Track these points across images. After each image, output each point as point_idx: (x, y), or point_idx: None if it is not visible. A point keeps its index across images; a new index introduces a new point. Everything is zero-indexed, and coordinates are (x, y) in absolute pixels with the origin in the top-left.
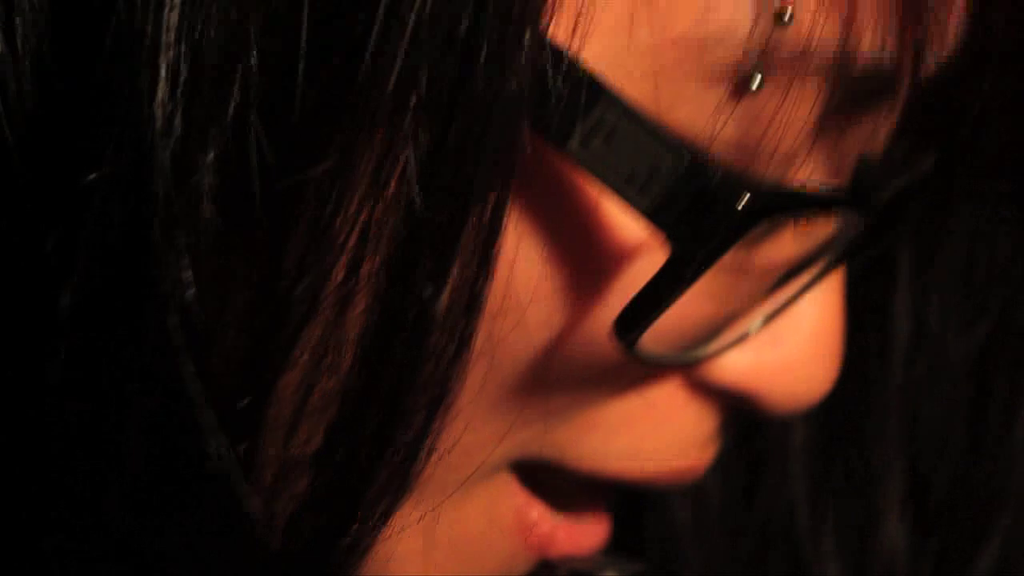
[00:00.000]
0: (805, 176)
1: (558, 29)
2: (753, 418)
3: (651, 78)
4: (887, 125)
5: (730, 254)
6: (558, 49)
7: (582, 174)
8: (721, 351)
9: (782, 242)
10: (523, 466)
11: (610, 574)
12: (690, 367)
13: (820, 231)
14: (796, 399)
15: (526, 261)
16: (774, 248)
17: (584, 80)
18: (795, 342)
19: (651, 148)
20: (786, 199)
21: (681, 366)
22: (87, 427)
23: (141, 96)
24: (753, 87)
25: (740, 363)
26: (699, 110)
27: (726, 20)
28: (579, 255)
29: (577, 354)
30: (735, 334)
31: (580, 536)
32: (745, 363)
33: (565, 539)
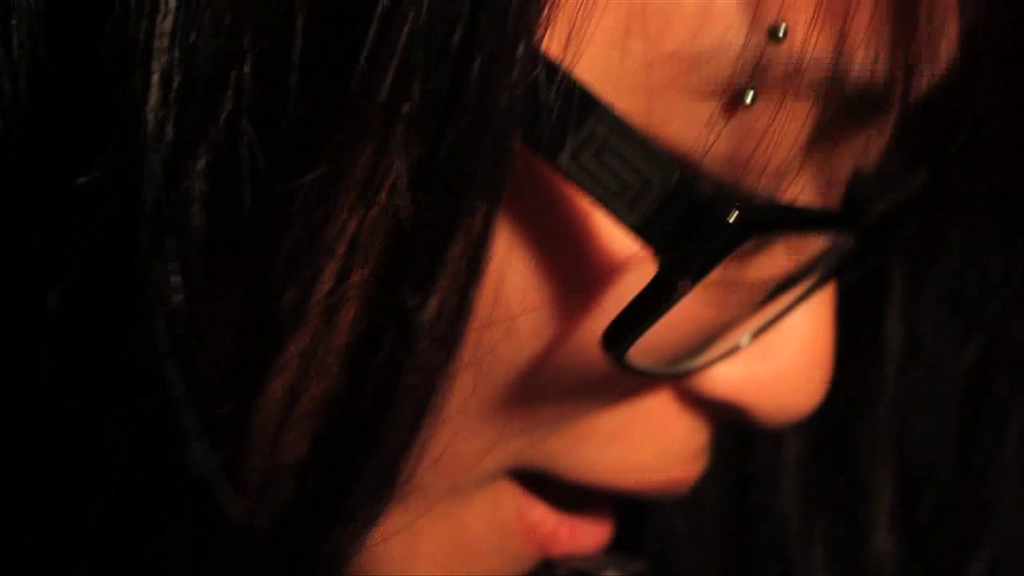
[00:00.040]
0: (796, 191)
1: (551, 43)
2: (745, 430)
3: (643, 92)
4: (880, 141)
5: (720, 268)
6: (551, 63)
7: (573, 186)
8: (711, 363)
9: (773, 256)
10: (522, 473)
11: (611, 574)
12: (680, 379)
13: (812, 245)
14: (786, 411)
15: (516, 272)
16: (765, 262)
17: (576, 94)
18: (786, 355)
19: (641, 163)
20: (776, 215)
21: (671, 378)
22: (72, 428)
23: (133, 101)
24: (746, 103)
25: (731, 375)
26: (691, 124)
27: (720, 36)
28: (569, 267)
29: (567, 365)
30: (726, 346)
31: (582, 535)
32: (736, 375)
33: (567, 538)
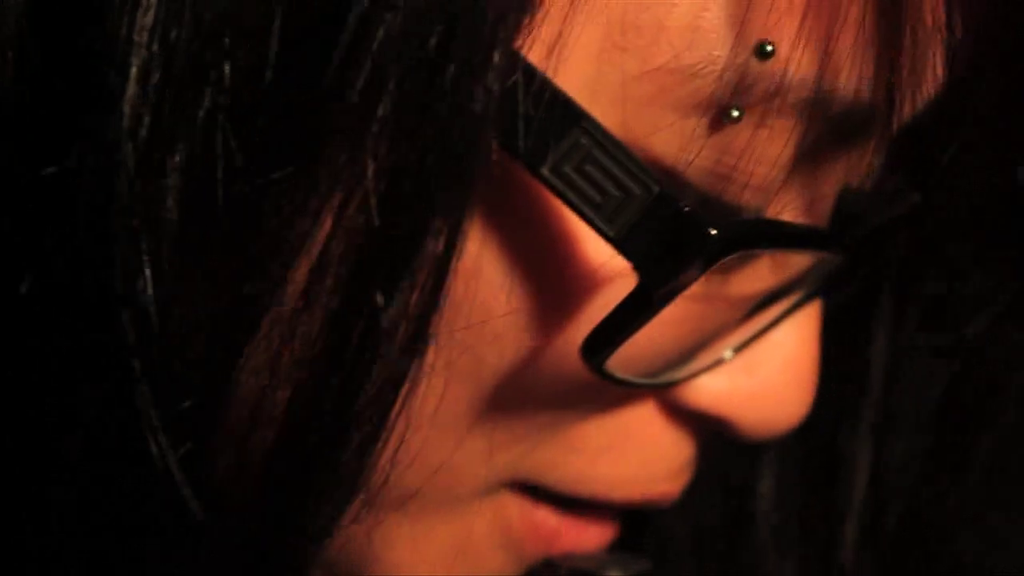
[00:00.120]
0: (780, 207)
1: (535, 52)
2: (729, 442)
3: (628, 105)
4: (868, 160)
5: (702, 283)
6: (533, 71)
7: (553, 196)
8: (694, 375)
9: (758, 271)
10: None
11: (614, 573)
12: (663, 390)
13: (797, 261)
14: (769, 425)
15: (489, 277)
16: (749, 276)
17: (560, 104)
18: (770, 370)
19: (623, 176)
20: (758, 231)
21: (653, 388)
22: (42, 419)
23: (111, 93)
24: (731, 119)
25: (715, 388)
26: (675, 139)
27: (706, 52)
28: (548, 275)
29: (550, 374)
30: (709, 359)
31: (585, 533)
32: (720, 388)
33: (570, 535)
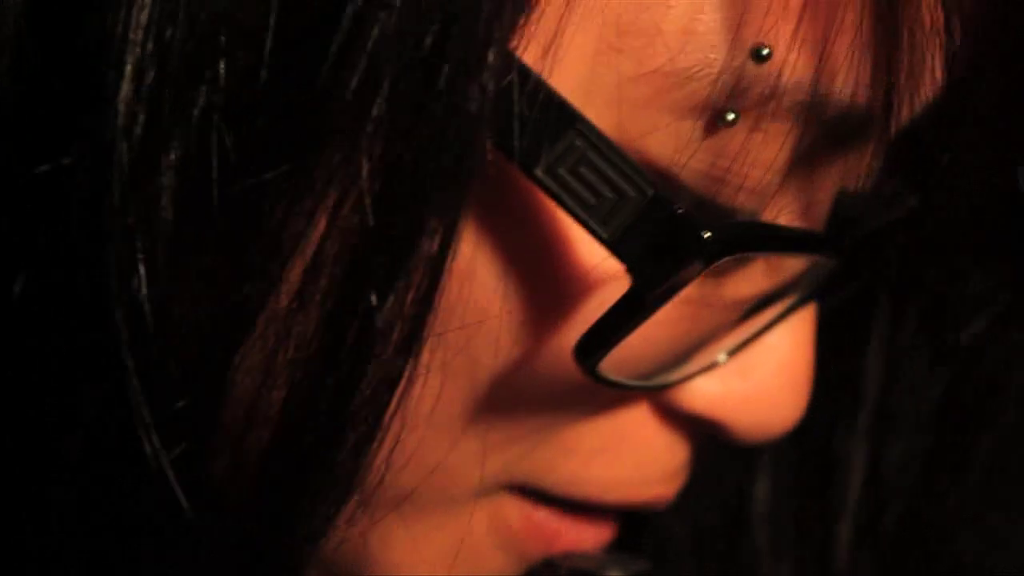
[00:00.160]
0: (776, 210)
1: (530, 53)
2: (723, 446)
3: (623, 107)
4: (866, 164)
5: (696, 285)
6: (528, 72)
7: (548, 198)
8: (688, 378)
9: (752, 274)
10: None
11: (614, 573)
12: (656, 392)
13: (792, 265)
14: (763, 429)
15: (483, 278)
16: (744, 280)
17: (555, 105)
18: (763, 373)
19: (617, 178)
20: (752, 234)
21: (646, 391)
22: (35, 418)
23: (106, 91)
24: (726, 121)
25: (709, 391)
26: (670, 141)
27: (702, 55)
28: (542, 275)
29: (544, 374)
30: (703, 362)
31: (585, 532)
32: (714, 391)
33: (570, 535)
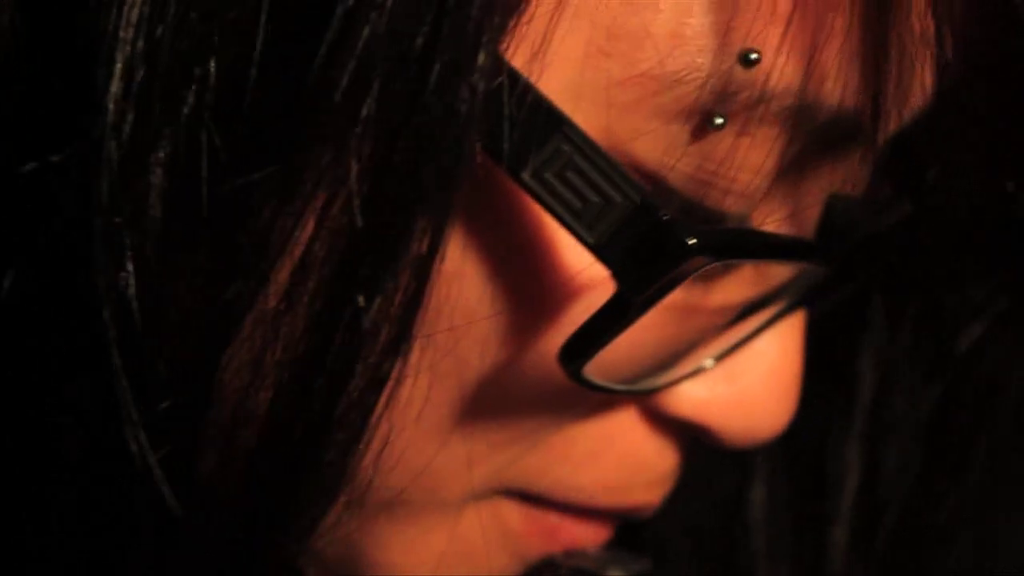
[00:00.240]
0: (764, 217)
1: (519, 57)
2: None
3: (611, 111)
4: (856, 170)
5: (683, 291)
6: (515, 75)
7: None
8: (674, 383)
9: (740, 280)
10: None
11: (614, 572)
12: (644, 397)
13: (780, 271)
14: (750, 434)
15: (471, 280)
16: (731, 285)
17: (543, 109)
18: (751, 379)
19: (604, 183)
20: (739, 241)
21: (632, 395)
22: (25, 417)
23: (95, 89)
24: (714, 125)
25: (696, 396)
26: (658, 144)
27: (690, 59)
28: (529, 279)
29: (531, 378)
30: (690, 367)
31: (586, 529)
32: (701, 396)
33: (571, 531)
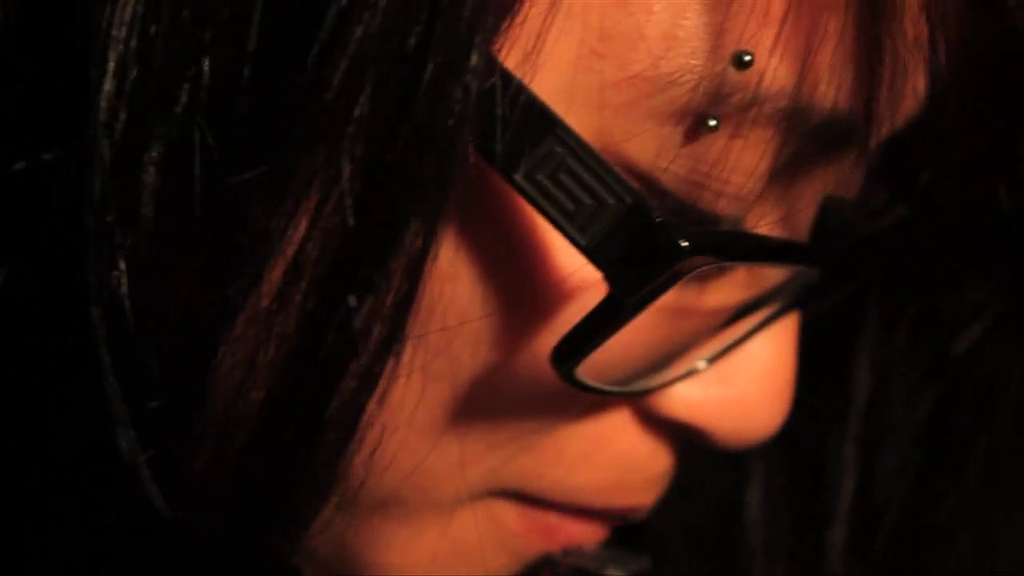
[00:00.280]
0: (758, 220)
1: (512, 58)
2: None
3: (604, 113)
4: (849, 174)
5: (676, 292)
6: (508, 76)
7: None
8: (667, 384)
9: (733, 281)
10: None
11: (614, 572)
12: (638, 399)
13: (773, 273)
14: (743, 435)
15: (463, 280)
16: (725, 287)
17: (536, 111)
18: (744, 380)
19: (597, 185)
20: (730, 244)
21: (624, 396)
22: (18, 415)
23: (88, 88)
24: (708, 126)
25: (689, 397)
26: (651, 146)
27: (683, 61)
28: (522, 281)
29: (524, 379)
30: (683, 368)
31: (583, 528)
32: (694, 397)
33: (569, 528)
